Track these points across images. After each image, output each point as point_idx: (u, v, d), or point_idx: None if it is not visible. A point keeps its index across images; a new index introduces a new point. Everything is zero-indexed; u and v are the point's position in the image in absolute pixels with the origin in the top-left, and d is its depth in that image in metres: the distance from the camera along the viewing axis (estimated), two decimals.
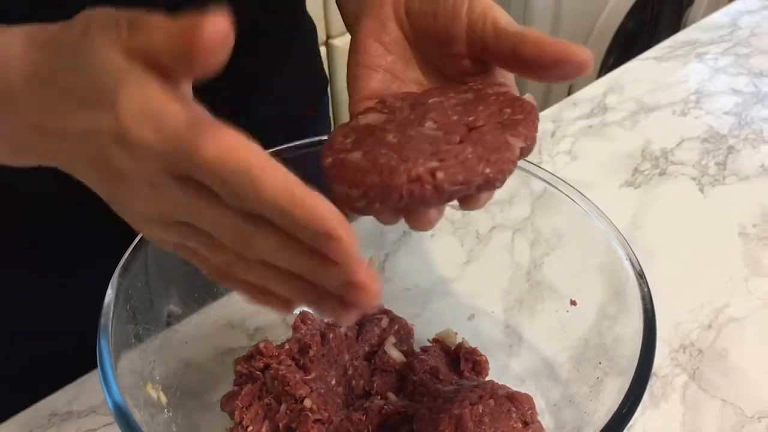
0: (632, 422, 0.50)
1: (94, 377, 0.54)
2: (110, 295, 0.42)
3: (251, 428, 0.46)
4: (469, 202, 0.32)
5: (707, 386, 0.55)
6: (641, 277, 0.44)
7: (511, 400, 0.46)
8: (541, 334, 0.54)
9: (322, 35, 1.26)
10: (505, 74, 0.37)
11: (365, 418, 0.47)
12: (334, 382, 0.50)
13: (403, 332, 0.55)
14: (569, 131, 0.84)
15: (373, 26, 0.38)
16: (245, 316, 0.57)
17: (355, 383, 0.51)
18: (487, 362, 0.53)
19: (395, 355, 0.53)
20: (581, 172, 0.77)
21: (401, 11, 0.37)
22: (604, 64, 1.70)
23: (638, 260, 0.45)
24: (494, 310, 0.57)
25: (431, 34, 0.36)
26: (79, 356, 0.50)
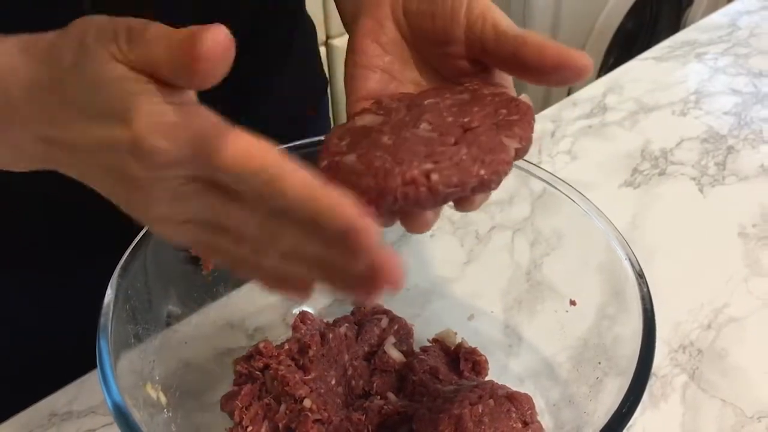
0: (632, 422, 0.50)
1: (93, 377, 0.54)
2: (110, 295, 0.42)
3: (251, 428, 0.46)
4: (464, 203, 0.32)
5: (707, 386, 0.55)
6: (641, 277, 0.44)
7: (510, 400, 0.46)
8: (540, 334, 0.54)
9: (321, 35, 1.26)
10: (503, 75, 0.37)
11: (365, 418, 0.47)
12: (333, 382, 0.50)
13: (402, 332, 0.55)
14: (569, 131, 0.84)
15: (370, 26, 0.38)
16: (245, 316, 0.57)
17: (354, 383, 0.51)
18: (486, 362, 0.53)
19: (395, 355, 0.53)
20: (581, 172, 0.77)
21: (399, 11, 0.37)
22: (603, 64, 1.70)
23: (638, 260, 0.45)
24: (494, 310, 0.57)
25: (429, 34, 0.36)
26: (78, 356, 0.50)
